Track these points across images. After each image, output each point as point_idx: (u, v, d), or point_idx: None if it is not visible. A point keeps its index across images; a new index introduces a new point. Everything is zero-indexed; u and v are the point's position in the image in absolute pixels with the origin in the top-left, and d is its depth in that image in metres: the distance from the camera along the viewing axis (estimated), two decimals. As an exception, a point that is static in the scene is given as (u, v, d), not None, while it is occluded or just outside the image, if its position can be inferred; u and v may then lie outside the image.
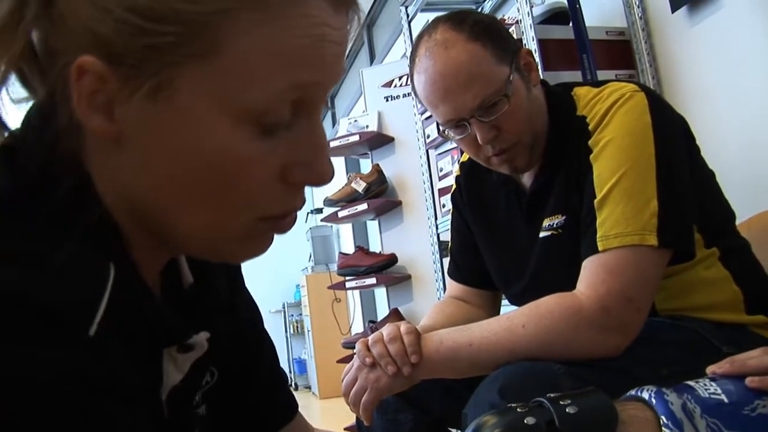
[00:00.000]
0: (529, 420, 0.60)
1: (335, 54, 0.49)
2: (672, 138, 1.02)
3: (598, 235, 0.97)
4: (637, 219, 0.95)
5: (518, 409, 0.62)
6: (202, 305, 0.60)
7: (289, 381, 7.27)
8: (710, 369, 0.70)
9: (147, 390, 0.50)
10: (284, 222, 0.53)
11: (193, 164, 0.48)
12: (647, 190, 0.97)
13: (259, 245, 0.53)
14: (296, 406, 0.77)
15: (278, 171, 0.50)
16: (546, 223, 1.09)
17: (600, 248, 0.96)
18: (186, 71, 0.46)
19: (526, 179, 1.16)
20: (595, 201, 0.99)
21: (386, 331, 1.01)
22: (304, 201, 0.53)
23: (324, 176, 0.51)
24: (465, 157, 1.33)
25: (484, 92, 1.03)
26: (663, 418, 0.62)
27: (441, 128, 1.11)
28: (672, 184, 0.98)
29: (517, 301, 1.17)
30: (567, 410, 0.60)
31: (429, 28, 1.09)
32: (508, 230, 1.20)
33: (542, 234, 1.09)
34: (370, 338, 1.03)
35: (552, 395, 0.63)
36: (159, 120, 0.47)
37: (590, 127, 1.03)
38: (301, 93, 0.48)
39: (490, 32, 1.06)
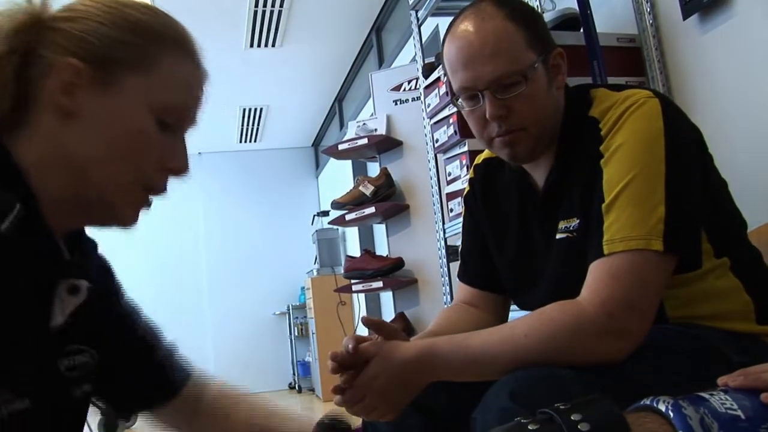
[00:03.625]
0: None
1: (201, 90, 0.85)
2: (683, 145, 1.01)
3: (604, 239, 0.96)
4: (644, 224, 0.95)
5: (529, 426, 0.60)
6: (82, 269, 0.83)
7: (293, 383, 7.28)
8: (722, 380, 0.68)
9: (34, 318, 0.74)
10: (150, 197, 0.82)
11: (120, 134, 0.77)
12: (655, 195, 0.96)
13: (135, 209, 0.82)
14: (184, 378, 1.05)
15: (161, 155, 0.80)
16: (562, 225, 1.08)
17: (605, 252, 0.95)
18: (132, 75, 0.78)
19: (539, 178, 1.16)
20: (603, 205, 0.99)
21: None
22: (166, 187, 0.83)
23: (185, 169, 0.84)
24: (479, 158, 1.33)
25: (505, 68, 1.05)
26: None
27: (455, 95, 1.13)
28: (681, 191, 0.97)
29: (528, 303, 1.17)
30: (579, 427, 0.58)
31: (474, 3, 1.13)
32: (521, 232, 1.19)
33: (558, 236, 1.09)
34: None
35: (560, 407, 0.61)
36: (104, 103, 0.77)
37: (602, 132, 1.03)
38: (181, 111, 0.82)
39: (529, 20, 1.10)
